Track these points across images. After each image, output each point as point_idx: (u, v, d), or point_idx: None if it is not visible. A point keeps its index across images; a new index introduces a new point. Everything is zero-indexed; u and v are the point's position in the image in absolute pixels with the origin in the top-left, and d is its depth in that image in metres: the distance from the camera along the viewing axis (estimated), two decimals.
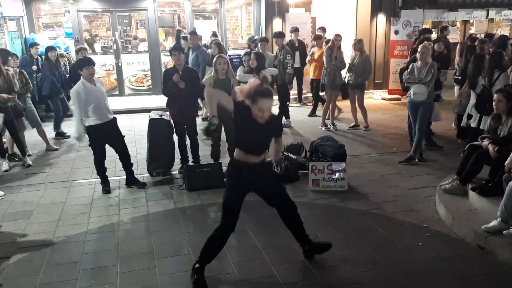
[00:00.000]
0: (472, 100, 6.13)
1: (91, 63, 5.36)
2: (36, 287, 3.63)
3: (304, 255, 3.91)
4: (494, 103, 4.86)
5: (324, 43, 8.99)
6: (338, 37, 8.33)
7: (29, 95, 7.23)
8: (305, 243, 3.88)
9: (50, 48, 8.29)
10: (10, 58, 7.06)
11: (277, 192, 3.70)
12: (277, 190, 3.72)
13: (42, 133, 7.48)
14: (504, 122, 4.85)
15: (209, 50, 8.68)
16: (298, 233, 3.85)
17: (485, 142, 4.80)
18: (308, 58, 9.38)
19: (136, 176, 5.92)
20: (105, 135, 5.48)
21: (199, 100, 6.96)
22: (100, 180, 5.70)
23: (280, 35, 8.76)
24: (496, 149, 4.59)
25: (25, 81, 7.12)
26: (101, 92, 5.44)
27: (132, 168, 5.83)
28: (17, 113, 6.62)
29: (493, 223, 4.04)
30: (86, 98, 5.24)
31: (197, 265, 3.56)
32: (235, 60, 9.82)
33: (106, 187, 5.64)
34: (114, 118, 5.58)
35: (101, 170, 5.67)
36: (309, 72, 9.58)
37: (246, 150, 3.45)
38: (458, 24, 13.10)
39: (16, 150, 6.96)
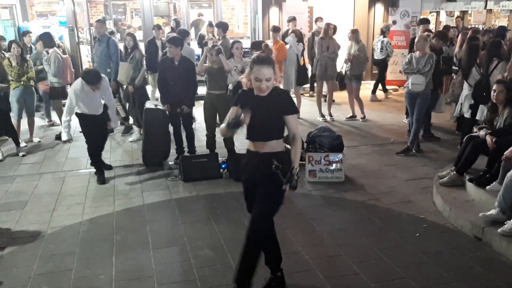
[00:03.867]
0: (465, 91, 6.12)
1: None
2: (31, 277, 3.59)
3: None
4: (494, 93, 4.82)
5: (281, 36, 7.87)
6: (329, 26, 8.04)
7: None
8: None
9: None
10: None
11: (264, 193, 3.02)
12: (265, 190, 3.02)
13: (31, 124, 7.33)
14: (501, 113, 4.82)
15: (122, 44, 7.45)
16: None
17: (482, 133, 4.78)
18: None
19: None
20: (92, 123, 5.47)
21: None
22: (94, 170, 5.68)
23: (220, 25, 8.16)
24: (493, 140, 4.56)
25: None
26: (97, 94, 5.35)
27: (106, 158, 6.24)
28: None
29: (492, 211, 4.04)
30: (77, 99, 5.27)
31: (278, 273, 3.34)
32: None
33: (101, 177, 5.60)
34: (103, 113, 5.52)
35: (95, 160, 5.66)
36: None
37: (251, 137, 3.06)
38: (457, 13, 13.02)
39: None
